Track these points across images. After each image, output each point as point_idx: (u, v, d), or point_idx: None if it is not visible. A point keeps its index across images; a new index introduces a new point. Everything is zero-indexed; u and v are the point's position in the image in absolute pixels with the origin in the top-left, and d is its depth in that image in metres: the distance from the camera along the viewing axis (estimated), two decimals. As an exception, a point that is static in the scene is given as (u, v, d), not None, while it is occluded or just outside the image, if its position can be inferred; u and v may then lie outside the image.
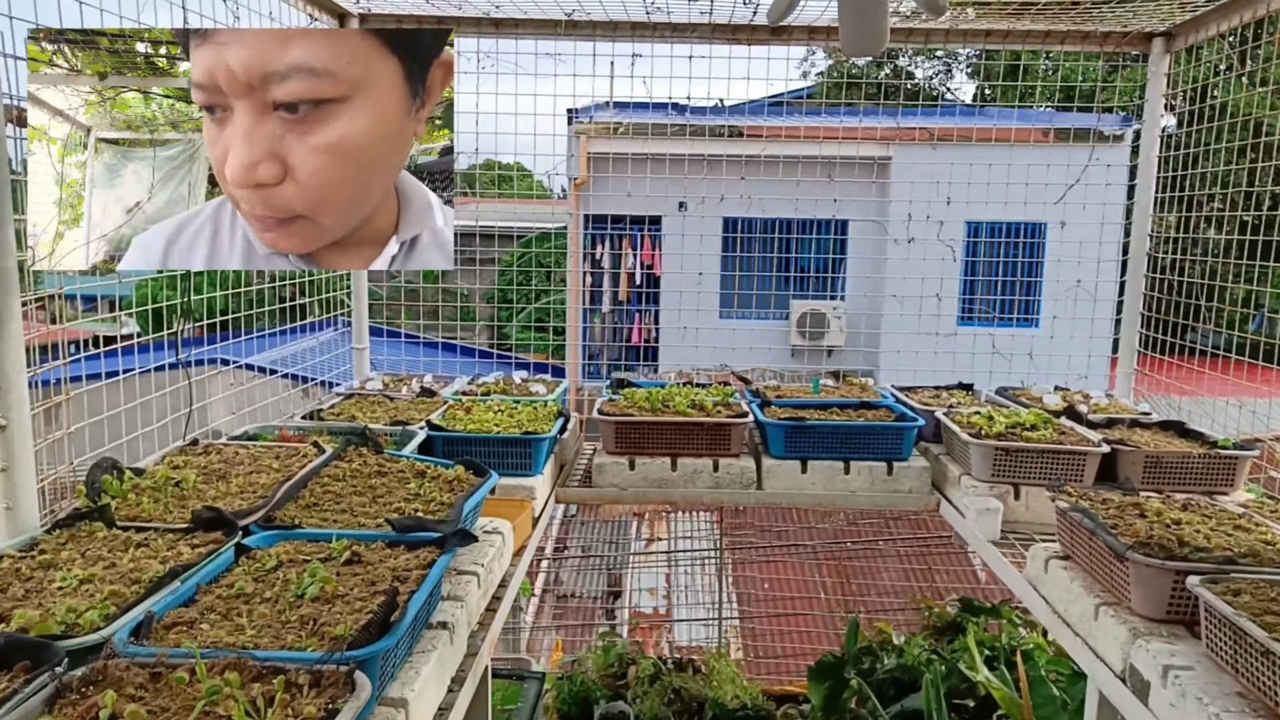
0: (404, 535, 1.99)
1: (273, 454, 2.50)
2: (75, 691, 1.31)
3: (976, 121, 5.47)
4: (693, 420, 3.28)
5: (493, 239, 6.04)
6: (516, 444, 3.00)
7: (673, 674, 3.82)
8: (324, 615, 1.61)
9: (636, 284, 11.51)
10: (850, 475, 3.27)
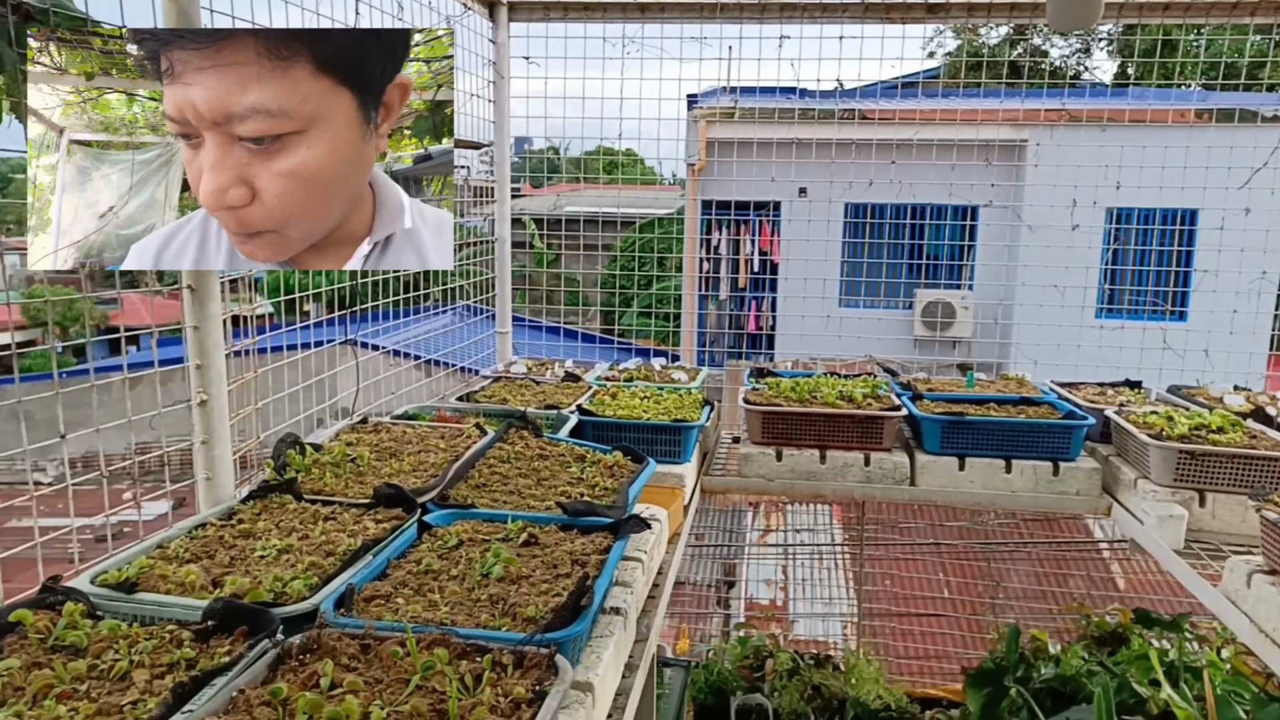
0: (576, 519, 2.00)
1: (438, 434, 2.57)
2: (294, 658, 1.36)
3: (1120, 102, 5.14)
4: (843, 412, 3.20)
5: (599, 224, 6.05)
6: (666, 431, 2.99)
7: (812, 670, 3.76)
8: (512, 595, 1.63)
9: (754, 271, 11.40)
10: (1012, 474, 3.13)
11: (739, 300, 11.93)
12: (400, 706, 1.23)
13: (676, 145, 8.06)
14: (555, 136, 5.72)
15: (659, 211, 14.90)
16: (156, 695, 1.25)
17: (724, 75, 4.58)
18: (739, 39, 4.37)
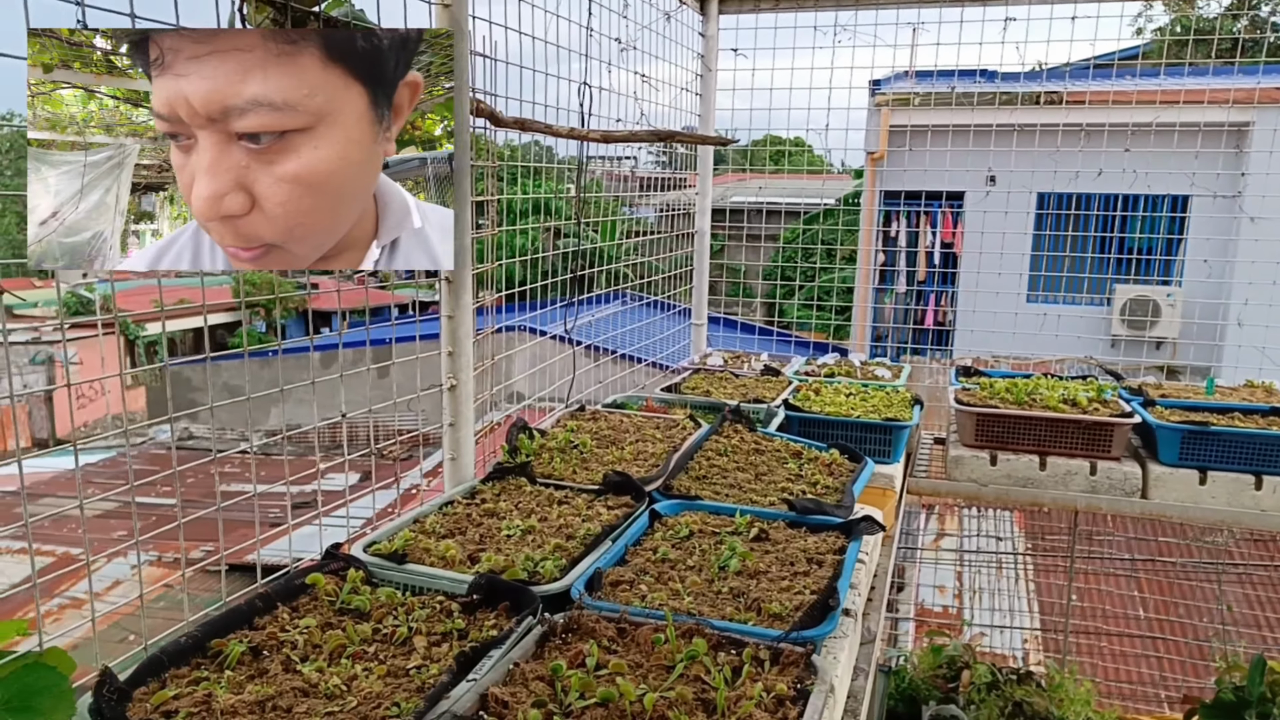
0: (805, 517, 1.98)
1: (653, 424, 2.61)
2: (558, 636, 1.42)
3: None
4: (1068, 417, 3.02)
5: (765, 214, 5.94)
6: (876, 430, 2.92)
7: (1013, 685, 3.57)
8: (752, 590, 1.63)
9: (934, 263, 10.97)
10: (1263, 491, 2.85)
11: (915, 294, 11.53)
12: (667, 692, 1.25)
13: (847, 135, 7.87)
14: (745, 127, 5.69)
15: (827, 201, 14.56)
16: (437, 662, 1.33)
17: (910, 60, 4.41)
18: (918, 23, 4.20)
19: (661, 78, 3.79)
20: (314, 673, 1.27)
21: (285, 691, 1.19)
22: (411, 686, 1.24)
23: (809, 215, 17.14)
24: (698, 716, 1.23)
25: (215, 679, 1.24)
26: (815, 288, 17.01)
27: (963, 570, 9.54)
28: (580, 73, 2.94)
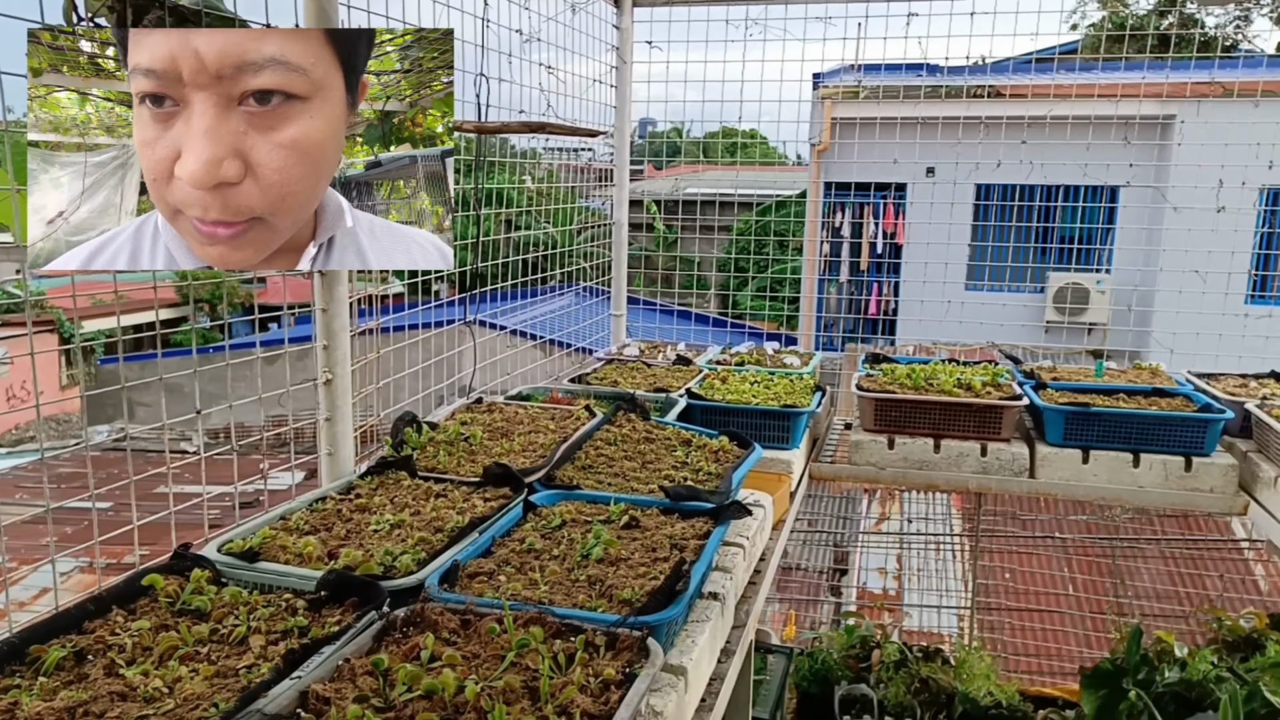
0: (678, 504, 2.02)
1: (549, 415, 2.63)
2: (399, 630, 1.43)
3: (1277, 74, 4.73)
4: (960, 401, 3.10)
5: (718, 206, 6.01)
6: (775, 416, 2.97)
7: (920, 662, 3.67)
8: (610, 577, 1.66)
9: (877, 253, 11.15)
10: (1140, 469, 2.96)
11: (860, 283, 11.70)
12: (495, 682, 1.28)
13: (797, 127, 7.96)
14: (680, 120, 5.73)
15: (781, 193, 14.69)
16: (270, 660, 1.34)
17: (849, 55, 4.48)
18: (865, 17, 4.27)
19: (578, 71, 3.80)
20: (137, 676, 1.27)
21: (101, 696, 1.19)
22: (237, 687, 1.25)
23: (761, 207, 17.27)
24: (522, 704, 1.25)
25: (27, 686, 1.23)
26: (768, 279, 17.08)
27: (901, 553, 9.73)
28: (477, 65, 2.95)
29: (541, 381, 3.44)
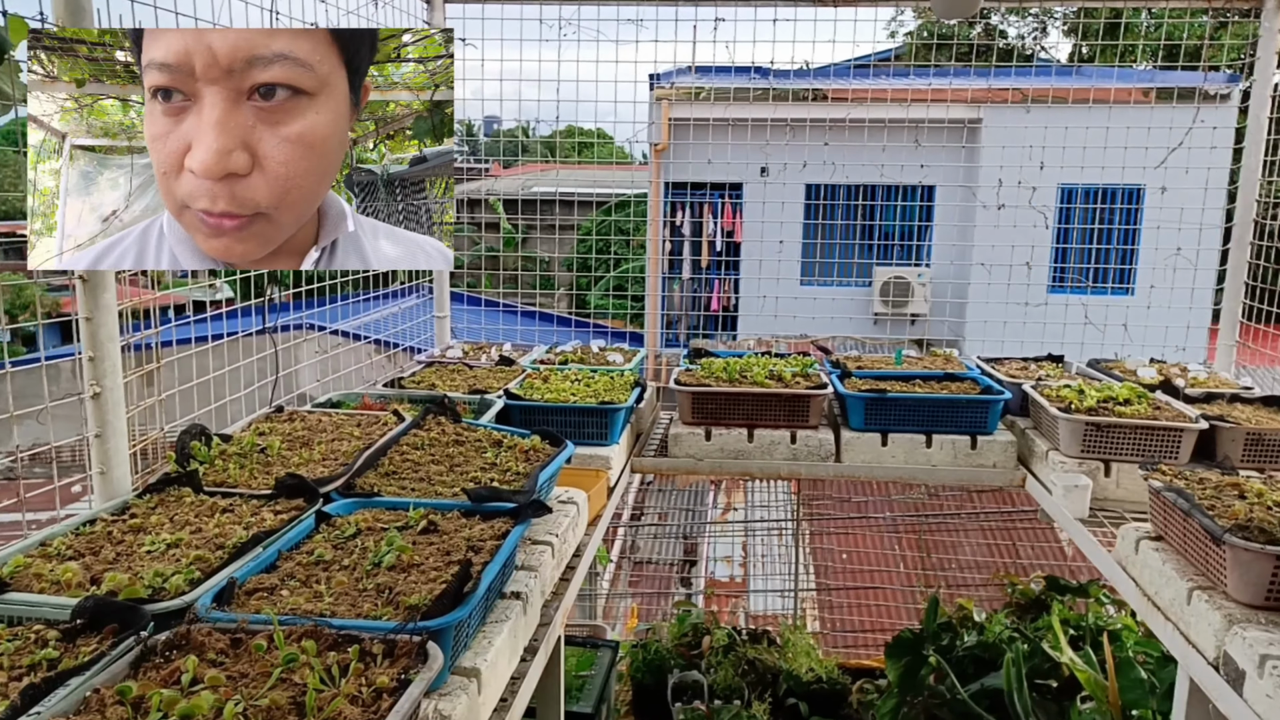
0: (480, 505, 2.01)
1: (354, 422, 2.56)
2: (159, 655, 1.36)
3: (1073, 81, 5.21)
4: (770, 391, 3.24)
5: (573, 205, 6.05)
6: (593, 413, 3.01)
7: (747, 645, 3.81)
8: (400, 584, 1.64)
9: (717, 251, 11.45)
10: (932, 449, 3.18)
11: (702, 280, 11.99)
12: (259, 700, 1.24)
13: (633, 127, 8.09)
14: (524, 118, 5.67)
15: (626, 192, 14.86)
16: (7, 699, 1.24)
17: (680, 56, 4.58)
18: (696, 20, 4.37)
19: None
20: None
21: None
22: (-37, 727, 1.16)
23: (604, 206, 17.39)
24: None
25: None
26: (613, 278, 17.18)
27: (746, 541, 10.05)
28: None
29: (359, 387, 3.35)
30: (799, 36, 4.37)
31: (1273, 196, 3.84)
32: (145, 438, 2.19)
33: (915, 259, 12.09)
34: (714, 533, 10.26)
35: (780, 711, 3.63)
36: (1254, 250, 3.82)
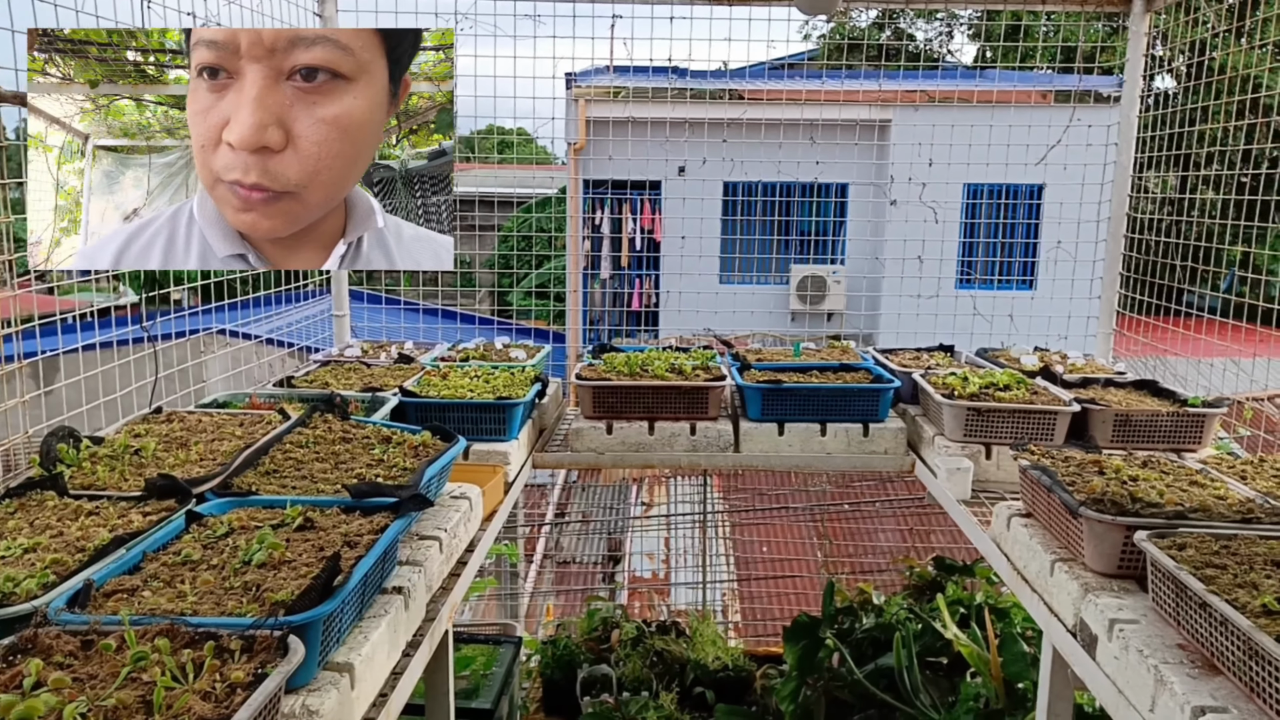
0: (360, 500, 1.99)
1: (237, 421, 2.50)
2: (2, 660, 1.32)
3: (974, 84, 5.40)
4: (670, 384, 3.27)
5: (493, 205, 6.00)
6: (490, 409, 3.00)
7: (655, 637, 3.85)
8: (268, 581, 1.61)
9: (636, 249, 11.50)
10: (827, 437, 3.27)
11: (623, 279, 12.03)
12: (104, 701, 1.20)
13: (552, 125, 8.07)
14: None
15: (546, 191, 14.80)
16: None
17: (597, 54, 4.59)
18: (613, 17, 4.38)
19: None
20: None
21: None
22: None
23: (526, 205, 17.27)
24: (136, 719, 1.19)
25: None
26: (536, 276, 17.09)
27: (669, 536, 10.12)
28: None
29: (249, 387, 3.27)
30: (716, 35, 4.43)
31: (1162, 193, 4.05)
32: (6, 442, 2.11)
33: (830, 256, 12.34)
34: (637, 530, 10.31)
35: (687, 700, 3.67)
36: (1128, 243, 4.02)
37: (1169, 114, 3.85)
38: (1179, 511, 1.90)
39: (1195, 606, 1.59)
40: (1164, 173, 4.06)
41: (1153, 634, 1.69)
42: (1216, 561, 1.68)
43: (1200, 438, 2.91)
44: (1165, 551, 1.72)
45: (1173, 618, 1.69)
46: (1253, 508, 1.95)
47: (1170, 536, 1.80)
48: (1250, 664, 1.43)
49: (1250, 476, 2.23)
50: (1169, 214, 3.90)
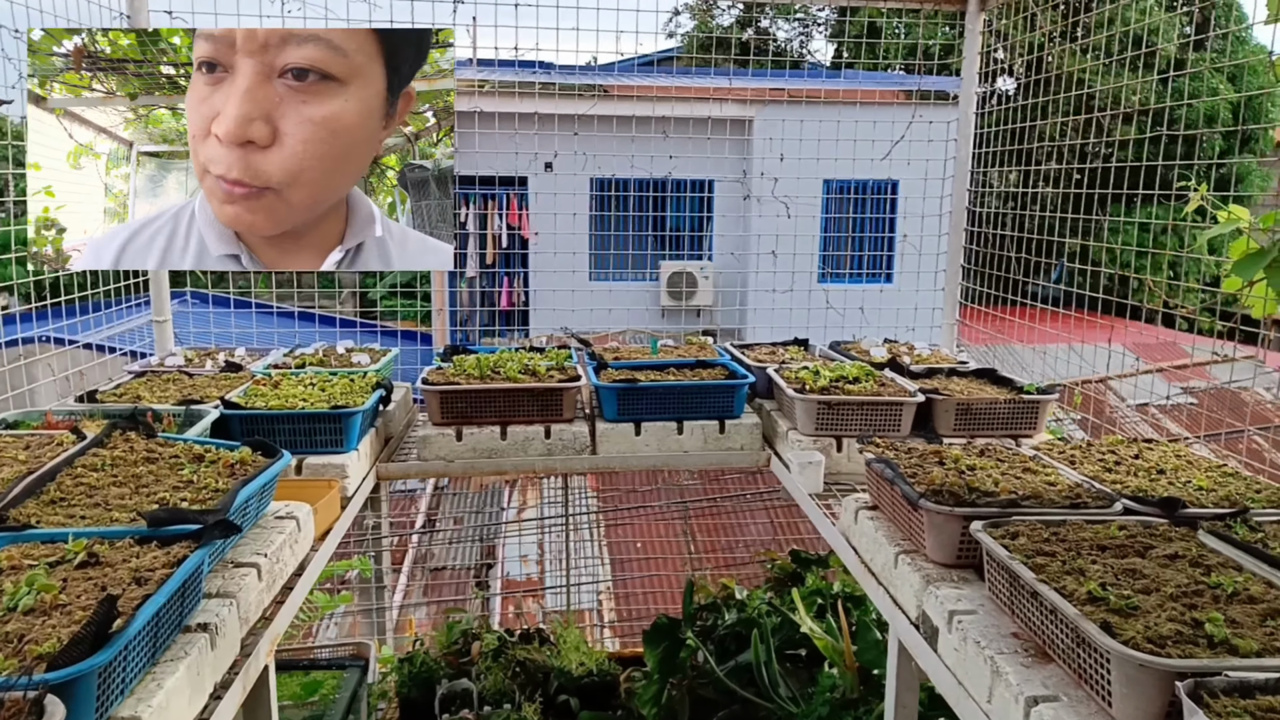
0: (157, 530, 1.78)
1: (22, 444, 2.23)
2: None
3: (833, 83, 5.50)
4: (522, 386, 3.15)
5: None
6: (324, 419, 2.80)
7: (517, 647, 3.72)
8: (34, 631, 1.41)
9: (504, 247, 11.30)
10: (684, 435, 3.22)
11: (490, 277, 11.79)
12: None
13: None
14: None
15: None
16: None
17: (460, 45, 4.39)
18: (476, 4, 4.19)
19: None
20: None
21: None
22: None
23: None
24: None
25: None
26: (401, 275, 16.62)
27: (544, 538, 9.97)
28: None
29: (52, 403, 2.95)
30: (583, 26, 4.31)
31: (1006, 188, 4.20)
32: None
33: (698, 252, 12.49)
34: (511, 533, 10.12)
35: (551, 710, 3.57)
36: (969, 236, 4.16)
37: (1008, 110, 4.01)
38: (1012, 500, 1.93)
39: (1027, 596, 1.60)
40: (1004, 168, 4.22)
41: (989, 624, 1.70)
42: (1046, 549, 1.70)
43: (1035, 423, 3.01)
44: (999, 541, 1.73)
45: (1007, 607, 1.70)
46: (1080, 492, 2.00)
47: (1004, 525, 1.82)
48: (1078, 651, 1.45)
49: (1079, 461, 2.30)
50: (1011, 208, 4.06)
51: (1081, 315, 3.63)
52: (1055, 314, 3.85)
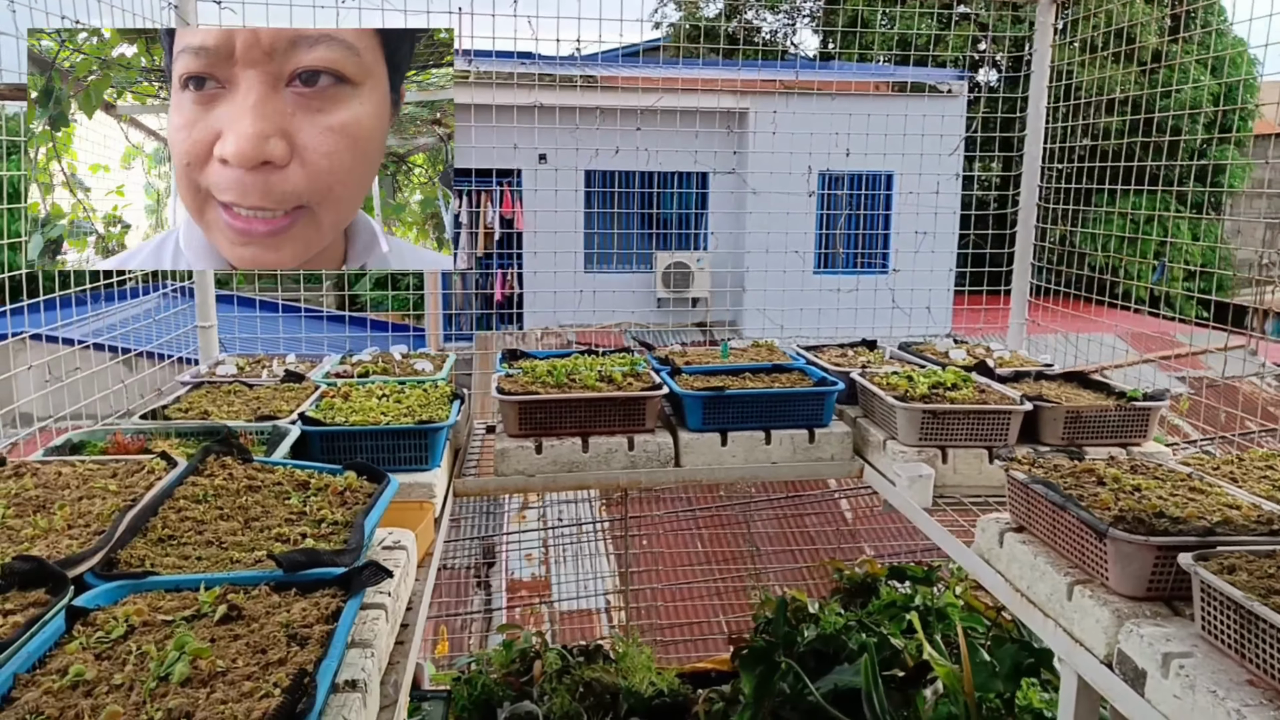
0: (294, 575, 1.60)
1: (108, 471, 2.03)
2: None
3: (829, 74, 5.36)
4: (605, 395, 2.98)
5: None
6: (410, 435, 2.61)
7: (582, 666, 3.56)
8: (201, 708, 1.23)
9: (497, 239, 11.12)
10: (771, 445, 3.07)
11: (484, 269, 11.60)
12: None
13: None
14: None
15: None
16: None
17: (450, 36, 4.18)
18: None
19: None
20: None
21: None
22: None
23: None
24: None
25: None
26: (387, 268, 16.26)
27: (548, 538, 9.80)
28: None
29: (106, 420, 2.74)
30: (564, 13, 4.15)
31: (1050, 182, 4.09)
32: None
33: (694, 244, 12.35)
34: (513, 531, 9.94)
35: (623, 732, 3.41)
36: (1038, 233, 4.04)
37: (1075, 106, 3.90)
38: (1209, 528, 1.80)
39: (1271, 640, 1.47)
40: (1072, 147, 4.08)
41: (1216, 669, 1.56)
42: (1276, 586, 1.57)
43: (1145, 431, 2.90)
44: (1220, 577, 1.60)
45: (1235, 650, 1.57)
46: (1271, 517, 1.88)
47: (1213, 558, 1.69)
48: (1356, 706, 1.31)
49: (1239, 478, 2.18)
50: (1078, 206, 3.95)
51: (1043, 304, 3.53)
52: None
